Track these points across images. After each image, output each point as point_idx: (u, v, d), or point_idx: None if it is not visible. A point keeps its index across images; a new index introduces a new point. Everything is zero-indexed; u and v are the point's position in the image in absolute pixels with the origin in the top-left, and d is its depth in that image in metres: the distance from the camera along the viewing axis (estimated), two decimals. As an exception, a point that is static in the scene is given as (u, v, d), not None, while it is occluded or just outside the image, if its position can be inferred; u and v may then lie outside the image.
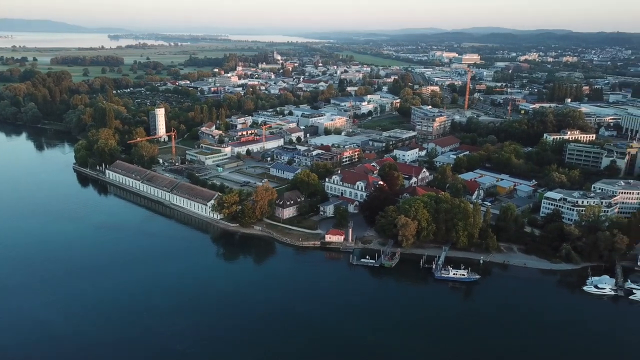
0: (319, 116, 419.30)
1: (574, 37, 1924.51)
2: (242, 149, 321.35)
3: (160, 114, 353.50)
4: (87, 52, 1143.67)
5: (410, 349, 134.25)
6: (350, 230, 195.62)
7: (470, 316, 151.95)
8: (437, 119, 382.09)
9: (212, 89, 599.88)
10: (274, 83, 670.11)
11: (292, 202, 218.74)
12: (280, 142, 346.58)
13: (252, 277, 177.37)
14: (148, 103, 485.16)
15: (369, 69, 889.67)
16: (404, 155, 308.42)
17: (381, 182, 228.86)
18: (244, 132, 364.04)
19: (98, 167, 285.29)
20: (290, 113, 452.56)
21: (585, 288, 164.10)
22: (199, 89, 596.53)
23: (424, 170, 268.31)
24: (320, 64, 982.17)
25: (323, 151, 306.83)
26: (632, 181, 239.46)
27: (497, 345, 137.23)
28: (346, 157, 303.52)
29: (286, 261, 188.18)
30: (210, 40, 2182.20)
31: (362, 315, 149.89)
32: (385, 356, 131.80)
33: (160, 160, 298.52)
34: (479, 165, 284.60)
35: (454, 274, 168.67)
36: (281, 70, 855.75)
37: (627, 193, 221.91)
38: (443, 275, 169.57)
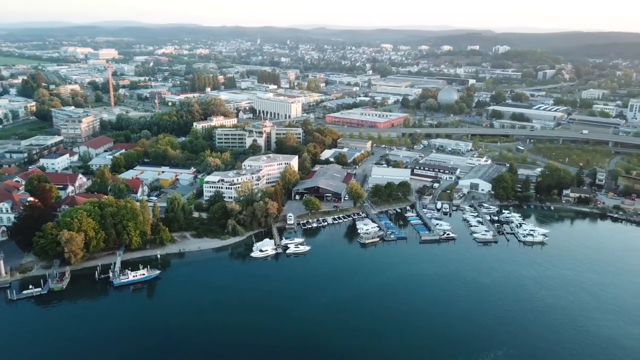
0: None
1: (204, 31, 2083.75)
2: None
3: None
4: None
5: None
6: (2, 261, 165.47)
7: (157, 312, 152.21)
8: (84, 119, 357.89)
9: None
10: None
11: None
12: None
13: None
14: None
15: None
16: (53, 164, 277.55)
17: (31, 199, 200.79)
18: None
19: None
20: None
21: (252, 254, 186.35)
22: None
23: (80, 176, 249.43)
24: None
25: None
26: (271, 155, 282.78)
27: (190, 332, 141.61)
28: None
29: None
30: None
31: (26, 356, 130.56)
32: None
33: None
34: (137, 162, 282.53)
35: (133, 276, 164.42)
36: None
37: (270, 166, 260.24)
38: (122, 280, 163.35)
